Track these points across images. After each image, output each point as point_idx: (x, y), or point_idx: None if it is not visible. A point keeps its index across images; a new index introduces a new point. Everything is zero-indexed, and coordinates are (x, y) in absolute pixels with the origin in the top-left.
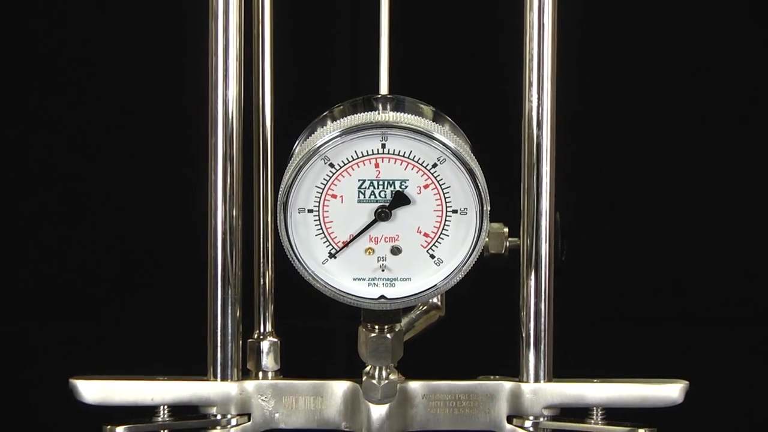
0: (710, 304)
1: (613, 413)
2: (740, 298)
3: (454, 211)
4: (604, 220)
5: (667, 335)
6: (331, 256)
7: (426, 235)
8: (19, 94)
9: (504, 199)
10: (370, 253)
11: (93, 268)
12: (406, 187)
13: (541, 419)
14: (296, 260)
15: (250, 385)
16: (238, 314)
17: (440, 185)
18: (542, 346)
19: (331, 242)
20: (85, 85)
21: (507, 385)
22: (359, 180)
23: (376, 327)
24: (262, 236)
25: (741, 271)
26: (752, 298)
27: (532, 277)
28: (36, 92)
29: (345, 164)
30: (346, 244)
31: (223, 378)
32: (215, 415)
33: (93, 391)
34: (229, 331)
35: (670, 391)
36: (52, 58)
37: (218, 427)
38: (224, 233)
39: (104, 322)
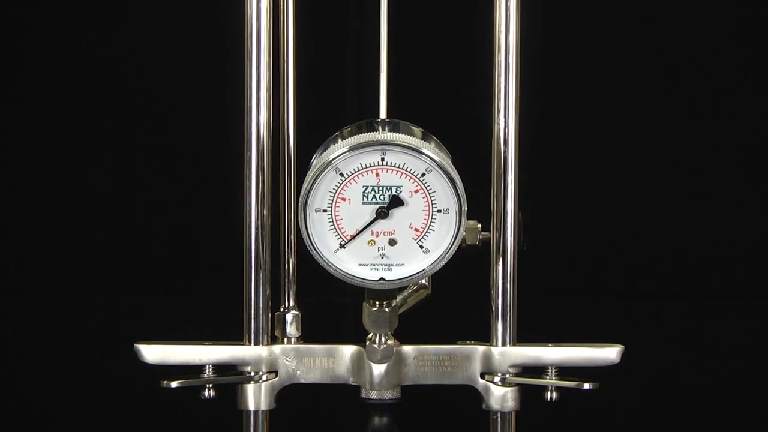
0: (638, 283)
1: (564, 371)
2: (664, 277)
3: (439, 211)
4: (554, 217)
5: (606, 308)
6: (341, 246)
7: (416, 230)
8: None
9: (478, 200)
10: (372, 244)
11: (154, 254)
12: (401, 191)
13: (507, 375)
14: (313, 250)
15: (277, 348)
16: (267, 292)
17: (428, 190)
18: (508, 318)
19: (341, 235)
20: (153, 114)
21: (480, 348)
22: (363, 186)
23: (377, 302)
24: (286, 231)
25: (663, 257)
26: (675, 277)
27: (500, 263)
28: (115, 111)
29: (352, 173)
30: (353, 237)
31: (256, 343)
32: (249, 373)
33: (153, 353)
34: (261, 305)
35: (610, 354)
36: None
37: (252, 382)
38: (257, 228)
39: (163, 298)
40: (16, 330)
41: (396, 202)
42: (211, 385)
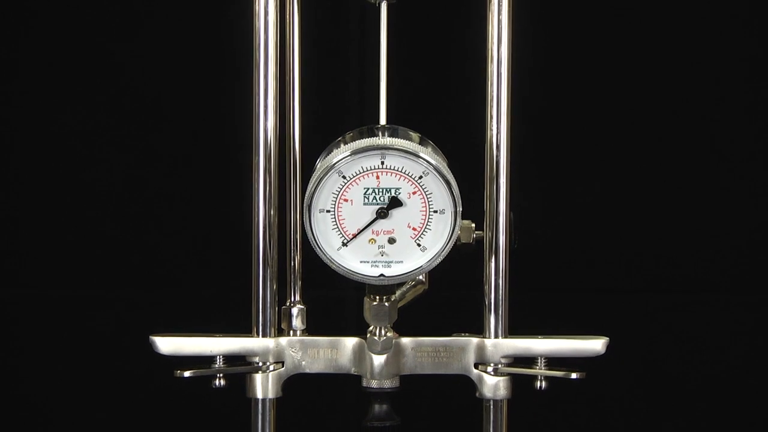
0: (623, 280)
1: (553, 361)
2: (648, 274)
3: (435, 212)
4: (544, 217)
5: (593, 303)
6: (344, 244)
7: (414, 229)
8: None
9: (472, 201)
10: (372, 242)
11: (168, 253)
12: (400, 193)
13: (499, 366)
14: (317, 248)
15: (283, 340)
16: (275, 287)
17: (425, 192)
18: (500, 311)
19: (344, 234)
20: (169, 120)
21: (474, 340)
22: (364, 188)
23: (377, 297)
24: (292, 230)
25: (647, 255)
26: (658, 274)
27: (493, 260)
28: (131, 120)
29: (354, 176)
30: (355, 236)
31: (264, 335)
32: (258, 363)
33: (167, 345)
34: (268, 299)
35: (595, 345)
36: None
37: (260, 372)
38: (265, 228)
39: (176, 292)
40: (36, 324)
41: (395, 202)
42: (221, 375)
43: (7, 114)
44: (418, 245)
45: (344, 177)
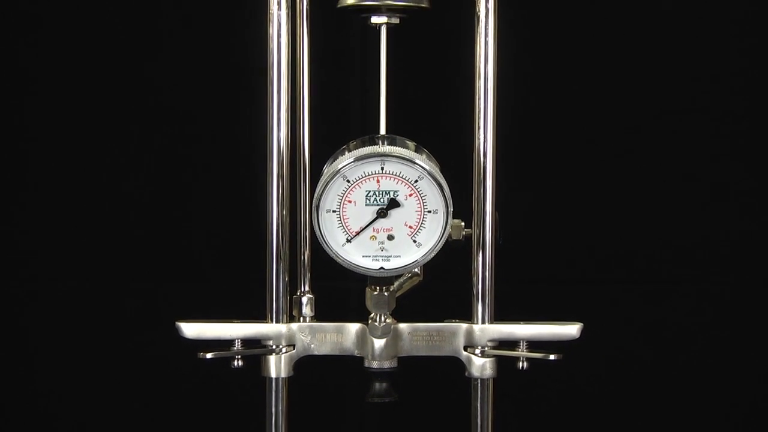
0: (598, 271)
1: (534, 344)
2: (621, 266)
3: (429, 212)
4: (527, 217)
5: (570, 292)
6: (348, 241)
7: (410, 227)
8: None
9: (462, 202)
10: (373, 239)
11: (193, 248)
12: (397, 195)
13: (486, 348)
14: (324, 244)
15: (294, 326)
16: (286, 278)
17: (420, 194)
18: (486, 300)
19: (348, 232)
20: (194, 131)
21: (464, 325)
22: (366, 191)
23: (377, 287)
24: (302, 228)
25: (621, 249)
26: (630, 266)
27: (480, 254)
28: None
29: (357, 180)
30: (358, 233)
31: (277, 321)
32: (271, 346)
33: (191, 330)
34: (281, 289)
35: (571, 330)
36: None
37: (273, 354)
38: (277, 226)
39: (200, 284)
40: (73, 312)
41: (393, 204)
42: (239, 357)
43: (42, 120)
44: (414, 241)
45: (348, 181)
